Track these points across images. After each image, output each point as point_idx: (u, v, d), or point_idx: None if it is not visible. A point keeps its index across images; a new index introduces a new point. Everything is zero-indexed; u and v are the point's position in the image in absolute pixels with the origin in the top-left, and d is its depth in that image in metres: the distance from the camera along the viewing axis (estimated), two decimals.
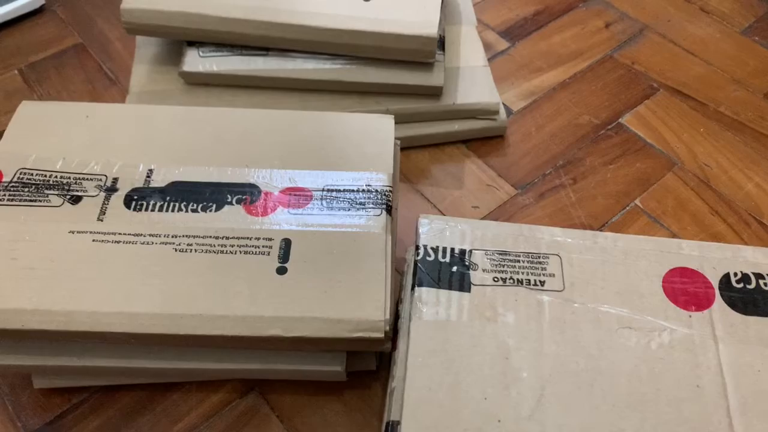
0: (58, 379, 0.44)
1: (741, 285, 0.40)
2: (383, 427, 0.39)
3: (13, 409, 0.45)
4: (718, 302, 0.39)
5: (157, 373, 0.43)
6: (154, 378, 0.45)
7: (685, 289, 0.39)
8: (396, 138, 0.47)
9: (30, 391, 0.45)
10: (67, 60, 0.66)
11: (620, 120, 0.63)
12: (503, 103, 0.61)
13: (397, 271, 0.48)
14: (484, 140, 0.61)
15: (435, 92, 0.57)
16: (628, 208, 0.56)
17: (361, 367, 0.44)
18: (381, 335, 0.38)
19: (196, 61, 0.56)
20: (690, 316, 0.38)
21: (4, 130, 0.46)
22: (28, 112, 0.47)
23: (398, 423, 0.36)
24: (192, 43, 0.57)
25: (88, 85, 0.64)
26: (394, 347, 0.42)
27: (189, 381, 0.45)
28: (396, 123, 0.48)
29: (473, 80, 0.59)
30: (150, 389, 0.45)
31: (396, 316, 0.43)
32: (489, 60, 0.63)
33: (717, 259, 0.41)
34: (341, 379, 0.43)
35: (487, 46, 0.65)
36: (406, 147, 0.59)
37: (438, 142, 0.60)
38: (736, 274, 0.40)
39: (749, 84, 0.66)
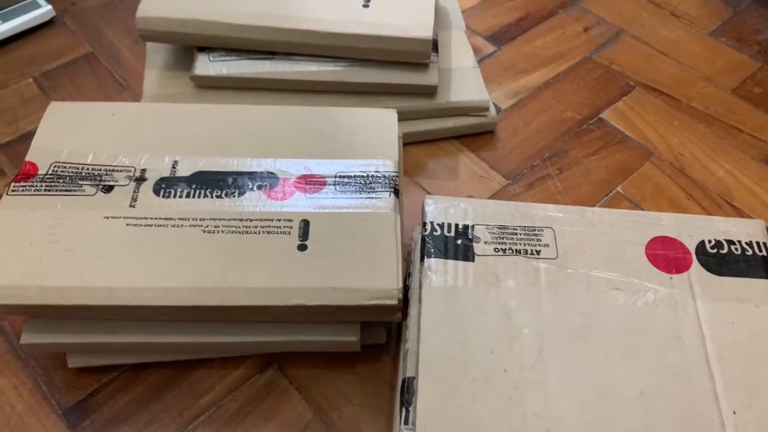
0: (91, 358, 0.47)
1: (715, 250, 0.44)
2: (399, 385, 0.42)
3: (47, 388, 0.48)
4: (695, 266, 0.44)
5: (183, 348, 0.47)
6: (181, 354, 0.48)
7: (666, 255, 0.44)
8: (399, 134, 0.51)
9: (62, 372, 0.48)
10: (80, 68, 0.69)
11: (601, 115, 0.67)
12: (492, 102, 0.66)
13: (403, 258, 0.52)
14: (476, 136, 0.65)
15: (430, 91, 0.61)
16: (610, 194, 0.61)
17: (372, 341, 0.48)
18: (395, 302, 0.41)
19: (206, 65, 0.60)
20: (671, 278, 0.43)
21: (23, 134, 0.49)
22: (58, 111, 0.50)
23: (414, 378, 0.39)
24: (202, 49, 0.60)
25: (101, 91, 0.67)
26: (404, 318, 0.46)
27: (212, 358, 0.49)
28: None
29: (464, 80, 0.64)
30: (175, 367, 0.48)
31: (405, 289, 0.47)
32: (478, 63, 0.68)
33: (692, 228, 0.45)
34: (355, 349, 0.46)
35: (475, 50, 0.70)
36: (404, 143, 0.63)
37: (433, 138, 0.64)
38: (710, 241, 0.45)
39: (718, 81, 0.71)
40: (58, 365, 0.48)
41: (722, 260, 0.44)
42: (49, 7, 0.72)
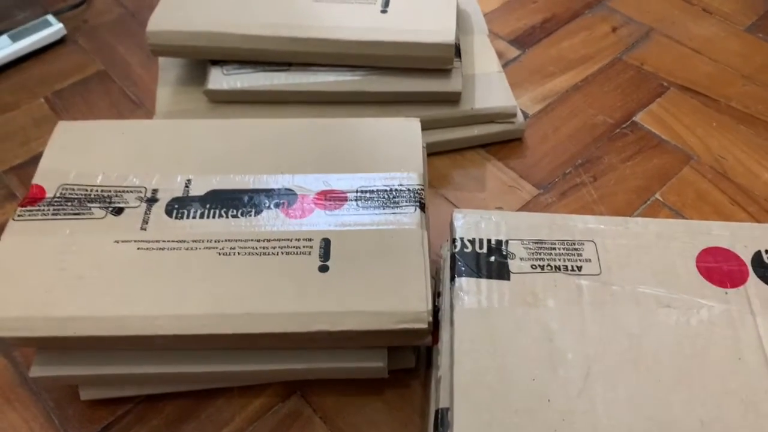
0: (104, 390, 0.45)
1: None
2: (432, 416, 0.39)
3: (60, 422, 0.45)
4: (752, 278, 0.40)
5: (201, 378, 0.44)
6: (198, 384, 0.45)
7: (719, 268, 0.40)
8: (423, 144, 0.48)
9: (75, 405, 0.46)
10: (92, 87, 0.68)
11: (634, 118, 0.64)
12: (519, 108, 0.63)
13: (431, 276, 0.49)
14: (503, 144, 0.62)
15: (454, 98, 0.58)
16: (649, 201, 0.57)
17: (401, 366, 0.45)
18: (424, 325, 0.38)
19: (220, 79, 0.57)
20: (726, 293, 0.39)
21: (35, 156, 0.47)
22: (66, 131, 0.48)
23: (448, 409, 0.36)
24: (216, 62, 0.58)
25: (113, 110, 0.65)
26: (434, 341, 0.43)
27: (231, 387, 0.46)
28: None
29: (489, 86, 0.61)
30: (193, 397, 0.46)
31: (434, 310, 0.44)
32: (502, 67, 0.65)
33: (747, 238, 0.42)
34: (383, 375, 0.43)
35: (498, 55, 0.67)
36: (428, 153, 0.60)
37: (458, 148, 0.61)
38: (767, 251, 0.41)
39: (757, 79, 0.67)
40: (71, 397, 0.46)
41: None
42: (60, 25, 0.71)
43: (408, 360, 0.45)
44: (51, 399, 0.46)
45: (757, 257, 0.41)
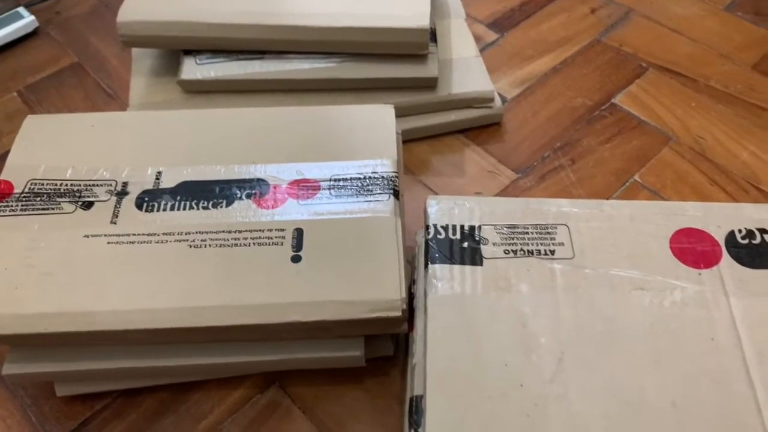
0: (80, 386, 0.44)
1: (746, 241, 0.41)
2: (407, 404, 0.39)
3: (37, 419, 0.45)
4: (726, 259, 0.40)
5: (178, 371, 0.44)
6: (176, 377, 0.45)
7: (693, 249, 0.40)
8: (397, 131, 0.48)
9: (52, 401, 0.45)
10: (66, 79, 0.67)
11: (613, 100, 0.64)
12: (498, 92, 0.62)
13: (407, 261, 0.49)
14: (481, 128, 0.62)
15: (430, 83, 0.58)
16: (628, 183, 0.57)
17: (379, 354, 0.45)
18: (398, 314, 0.38)
19: (193, 69, 0.57)
20: (700, 274, 0.39)
21: (8, 151, 0.46)
22: (34, 125, 0.47)
23: (422, 396, 0.36)
24: (188, 52, 0.57)
25: (88, 102, 0.65)
26: (410, 328, 0.42)
27: (209, 379, 0.46)
28: (395, 117, 0.49)
29: (467, 70, 0.60)
30: (171, 390, 0.46)
31: (409, 297, 0.44)
32: (480, 51, 0.64)
33: (721, 217, 0.42)
34: (360, 364, 0.43)
35: (476, 39, 0.67)
36: (406, 140, 0.60)
37: (437, 133, 0.61)
38: (740, 231, 0.41)
39: (736, 58, 0.67)
40: (47, 394, 0.46)
41: (755, 251, 0.40)
42: (32, 17, 0.69)
43: (386, 348, 0.45)
44: (27, 396, 0.46)
45: (730, 237, 0.41)
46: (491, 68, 0.65)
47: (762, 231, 0.41)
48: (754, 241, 0.40)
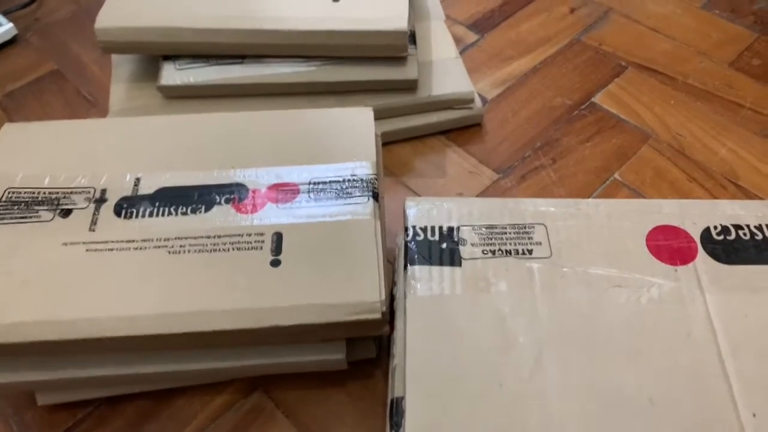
0: (62, 394, 0.44)
1: (722, 237, 0.41)
2: (388, 405, 0.39)
3: (18, 429, 0.45)
4: (701, 255, 0.40)
5: (160, 378, 0.43)
6: (158, 384, 0.45)
7: (669, 246, 0.40)
8: (376, 133, 0.48)
9: (34, 410, 0.45)
10: (45, 86, 0.66)
11: (593, 99, 0.64)
12: (478, 93, 0.63)
13: (389, 261, 0.49)
14: (462, 129, 0.62)
15: (410, 86, 0.58)
16: (608, 182, 0.58)
17: (362, 356, 0.45)
18: (378, 316, 0.38)
19: (173, 75, 0.57)
20: (676, 270, 0.39)
21: None
22: (11, 133, 0.47)
23: (402, 398, 0.36)
24: (168, 57, 0.57)
25: (68, 109, 0.64)
26: (392, 330, 0.43)
27: (192, 385, 0.46)
28: (375, 119, 0.49)
29: (446, 72, 0.61)
30: (154, 397, 0.45)
31: (390, 299, 0.44)
32: (460, 53, 0.64)
33: (696, 214, 0.42)
34: (342, 367, 0.43)
35: (457, 40, 0.67)
36: (388, 142, 0.60)
37: (418, 135, 0.61)
38: (716, 227, 0.41)
39: (714, 55, 0.67)
40: (29, 403, 0.45)
41: (730, 247, 0.41)
42: (11, 24, 0.69)
43: (369, 350, 0.45)
44: (9, 405, 0.46)
45: (705, 233, 0.41)
46: (471, 69, 0.66)
47: (737, 227, 0.41)
48: (729, 237, 0.41)
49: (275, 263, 0.40)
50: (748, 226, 0.42)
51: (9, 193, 0.43)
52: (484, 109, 0.62)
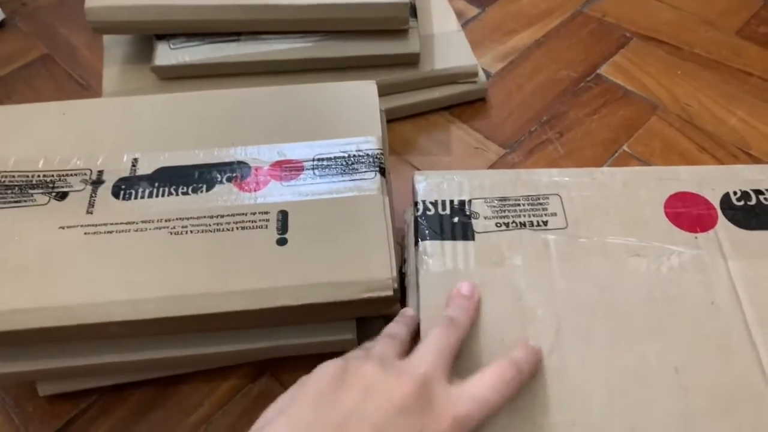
0: (63, 384, 0.43)
1: (742, 202, 0.40)
2: None
3: (20, 421, 0.43)
4: (722, 221, 0.39)
5: (165, 364, 0.42)
6: (163, 371, 0.44)
7: (688, 212, 0.39)
8: (381, 108, 0.46)
9: (36, 401, 0.44)
10: (35, 71, 0.65)
11: (598, 71, 0.63)
12: (481, 67, 0.61)
13: (397, 243, 0.48)
14: (466, 105, 0.60)
15: (412, 59, 0.56)
16: (616, 154, 0.56)
17: (372, 336, 0.44)
18: (390, 293, 0.37)
19: (167, 54, 0.55)
20: (696, 238, 0.38)
21: None
22: (2, 116, 0.45)
23: None
24: (161, 37, 0.56)
25: (59, 94, 0.63)
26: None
27: (198, 371, 0.44)
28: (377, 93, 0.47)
29: (449, 45, 0.59)
30: (159, 384, 0.44)
31: (401, 278, 0.42)
32: (462, 26, 0.63)
33: (714, 180, 0.41)
34: (353, 347, 0.42)
35: (457, 14, 0.65)
36: (390, 119, 0.58)
37: (421, 111, 0.60)
38: (735, 193, 0.40)
39: (720, 24, 0.66)
40: (30, 394, 0.44)
41: (751, 212, 0.39)
42: None
43: (379, 329, 0.44)
44: (9, 396, 0.44)
45: (725, 199, 0.40)
46: (474, 43, 0.64)
47: (757, 192, 0.40)
48: (749, 203, 0.40)
49: (281, 242, 0.39)
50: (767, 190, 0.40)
51: (2, 177, 0.42)
52: (488, 84, 0.61)
